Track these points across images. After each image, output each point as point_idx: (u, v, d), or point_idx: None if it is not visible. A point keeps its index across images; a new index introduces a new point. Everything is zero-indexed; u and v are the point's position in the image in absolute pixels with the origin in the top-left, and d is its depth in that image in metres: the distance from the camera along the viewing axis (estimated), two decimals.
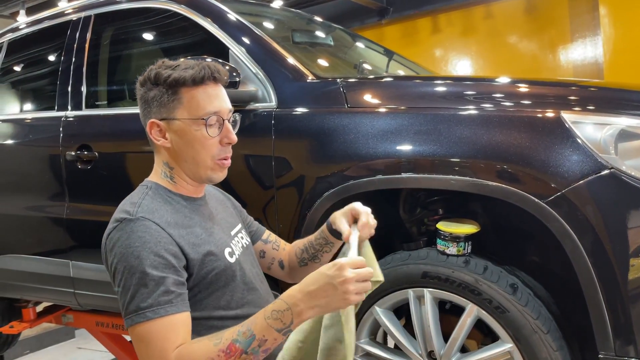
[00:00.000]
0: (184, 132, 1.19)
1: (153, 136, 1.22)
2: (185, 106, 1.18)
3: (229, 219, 1.37)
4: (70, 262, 2.36)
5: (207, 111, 1.18)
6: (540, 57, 5.32)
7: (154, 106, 1.20)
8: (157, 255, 1.08)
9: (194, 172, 1.22)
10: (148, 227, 1.10)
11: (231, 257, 1.24)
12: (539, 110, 1.47)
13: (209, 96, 1.19)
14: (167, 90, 1.18)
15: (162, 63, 1.21)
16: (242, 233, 1.39)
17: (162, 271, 1.07)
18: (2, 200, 2.62)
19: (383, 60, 2.90)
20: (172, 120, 1.19)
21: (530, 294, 1.51)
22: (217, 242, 1.22)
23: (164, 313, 1.05)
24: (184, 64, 1.19)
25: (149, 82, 1.20)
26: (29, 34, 2.78)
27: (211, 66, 1.20)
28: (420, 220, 1.83)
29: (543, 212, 1.38)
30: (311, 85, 1.83)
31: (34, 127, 2.56)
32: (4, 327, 2.87)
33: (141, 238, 1.08)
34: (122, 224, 1.11)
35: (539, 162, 1.40)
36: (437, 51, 5.91)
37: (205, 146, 1.19)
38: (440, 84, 1.75)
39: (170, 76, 1.17)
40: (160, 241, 1.09)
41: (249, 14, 2.30)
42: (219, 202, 1.40)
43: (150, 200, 1.18)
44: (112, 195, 2.20)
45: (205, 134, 1.18)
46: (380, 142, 1.60)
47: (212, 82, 1.20)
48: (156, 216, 1.13)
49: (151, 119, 1.21)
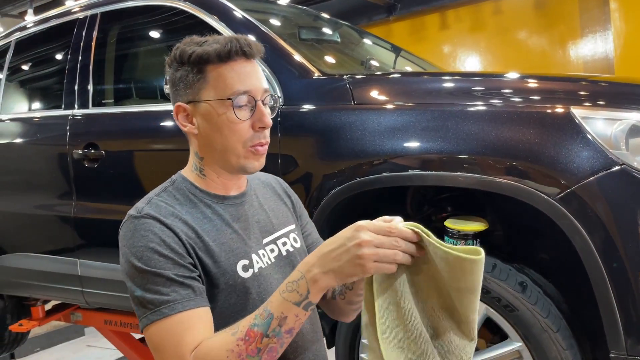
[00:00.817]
0: (211, 116, 1.04)
1: (180, 121, 1.09)
2: (211, 85, 1.03)
3: (273, 220, 1.20)
4: (77, 261, 2.37)
5: (235, 90, 1.03)
6: (550, 52, 5.27)
7: (181, 88, 1.07)
8: (161, 255, 0.98)
9: (225, 161, 1.08)
10: (152, 225, 1.00)
11: (246, 271, 1.07)
12: (548, 106, 1.44)
13: (237, 73, 1.03)
14: (193, 69, 1.04)
15: (189, 40, 1.07)
16: (286, 238, 1.20)
17: (171, 267, 0.98)
18: (11, 199, 2.64)
19: (390, 57, 2.88)
20: (198, 102, 1.05)
21: (539, 292, 1.49)
22: (231, 252, 1.07)
23: (182, 308, 0.96)
24: (212, 39, 1.05)
25: (175, 61, 1.07)
26: (36, 33, 2.79)
27: (240, 39, 1.03)
28: (428, 218, 1.81)
29: (552, 209, 1.36)
30: (317, 82, 1.82)
31: (41, 125, 2.57)
32: (13, 325, 2.89)
33: (144, 237, 0.99)
34: (127, 221, 1.03)
35: (548, 158, 1.38)
36: (445, 47, 5.87)
37: (235, 131, 1.04)
38: (448, 79, 1.73)
39: (194, 53, 1.03)
40: (165, 240, 0.99)
41: (255, 11, 2.29)
42: (271, 198, 1.24)
43: (166, 197, 1.07)
44: (119, 193, 2.23)
45: (234, 117, 1.03)
46: (386, 139, 1.58)
47: (242, 57, 1.04)
48: (163, 213, 1.03)
49: (178, 102, 1.08)
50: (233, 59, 1.03)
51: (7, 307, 2.89)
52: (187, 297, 0.97)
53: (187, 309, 0.96)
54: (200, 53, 1.02)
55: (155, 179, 2.08)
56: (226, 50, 1.02)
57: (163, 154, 2.12)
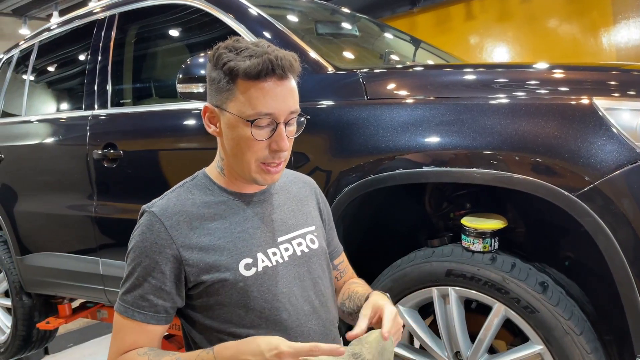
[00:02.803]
0: (233, 127, 1.06)
1: (205, 121, 1.11)
2: (237, 100, 1.04)
3: (291, 220, 1.20)
4: (99, 260, 2.39)
5: (257, 111, 1.02)
6: (581, 41, 5.08)
7: (213, 89, 1.08)
8: (148, 256, 1.05)
9: (239, 169, 1.10)
10: (151, 225, 1.07)
11: (248, 269, 1.08)
12: (570, 97, 1.37)
13: (264, 94, 1.02)
14: (225, 77, 1.04)
15: (232, 42, 1.06)
16: (302, 239, 1.20)
17: (149, 274, 1.06)
18: (34, 199, 2.69)
19: (410, 50, 2.81)
20: (223, 110, 1.07)
21: (562, 293, 1.42)
22: (235, 250, 1.09)
23: (131, 316, 1.06)
24: (251, 49, 1.03)
25: (212, 61, 1.07)
26: (58, 36, 2.83)
27: (274, 59, 1.01)
28: (447, 215, 1.75)
29: (574, 206, 1.29)
30: (331, 78, 1.78)
31: (63, 126, 2.60)
32: (40, 322, 2.95)
33: (142, 234, 1.07)
34: (141, 213, 1.11)
35: (569, 152, 1.31)
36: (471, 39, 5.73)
37: (251, 148, 1.05)
38: (464, 72, 1.67)
39: (227, 63, 1.03)
40: (157, 243, 1.06)
41: (270, 7, 2.26)
42: (294, 198, 1.24)
43: (181, 192, 1.12)
44: (137, 193, 2.24)
45: (251, 136, 1.04)
46: (400, 135, 1.53)
47: (273, 77, 1.03)
48: (168, 213, 1.07)
49: (207, 103, 1.10)
50: (263, 78, 1.02)
51: (35, 305, 2.95)
52: (140, 308, 1.06)
53: (135, 320, 1.06)
54: (232, 66, 1.02)
55: (173, 178, 2.10)
56: (256, 70, 1.01)
57: (180, 153, 2.12)
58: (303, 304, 1.14)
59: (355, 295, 1.25)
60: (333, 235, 1.36)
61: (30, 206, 2.71)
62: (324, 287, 1.20)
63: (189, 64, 1.74)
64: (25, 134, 2.78)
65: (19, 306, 2.92)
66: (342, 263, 1.37)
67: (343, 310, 1.28)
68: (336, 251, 1.36)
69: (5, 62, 3.19)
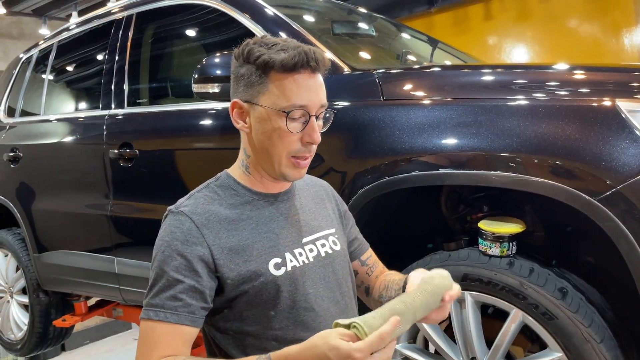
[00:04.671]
0: (265, 121, 1.06)
1: (234, 117, 1.11)
2: (271, 92, 1.05)
3: (313, 222, 1.20)
4: (115, 259, 2.41)
5: (291, 103, 1.04)
6: (603, 41, 4.99)
7: (242, 85, 1.08)
8: (180, 254, 1.02)
9: (268, 165, 1.10)
10: (182, 223, 1.05)
11: (278, 269, 1.08)
12: (592, 99, 1.34)
13: (298, 86, 1.04)
14: (257, 71, 1.05)
15: (261, 38, 1.08)
16: (325, 240, 1.20)
17: (180, 273, 1.02)
18: (52, 197, 2.71)
19: (427, 50, 2.79)
20: (255, 105, 1.07)
21: (581, 299, 1.39)
22: (264, 249, 1.09)
23: (163, 318, 1.01)
24: (282, 44, 1.05)
25: (241, 57, 1.07)
26: (76, 36, 2.85)
27: (309, 52, 1.03)
28: (463, 218, 1.73)
29: (595, 210, 1.26)
30: (347, 78, 1.77)
31: (80, 125, 2.63)
32: (57, 320, 2.98)
33: (172, 233, 1.04)
34: (167, 214, 1.09)
35: (591, 155, 1.28)
36: (490, 39, 5.66)
37: (284, 141, 1.06)
38: (481, 72, 1.64)
39: (261, 56, 1.04)
40: (189, 240, 1.03)
41: (287, 7, 2.26)
42: (313, 200, 1.25)
43: (207, 192, 1.12)
44: (152, 192, 2.24)
45: (285, 128, 1.05)
46: (417, 136, 1.51)
47: (307, 70, 1.04)
48: (198, 212, 1.07)
49: (235, 99, 1.10)
50: (298, 71, 1.04)
51: (52, 302, 2.98)
52: (174, 309, 1.01)
53: (168, 322, 1.01)
54: (267, 59, 1.03)
55: (188, 178, 2.10)
56: (292, 62, 1.02)
57: (196, 153, 2.12)
58: (329, 304, 1.14)
59: (391, 284, 1.24)
60: (356, 233, 1.36)
61: (48, 204, 2.73)
62: (348, 289, 1.21)
63: (204, 64, 1.74)
64: (44, 133, 2.81)
65: (35, 303, 2.96)
66: (370, 258, 1.35)
67: (382, 302, 1.19)
68: (362, 247, 1.35)
69: (24, 61, 3.23)
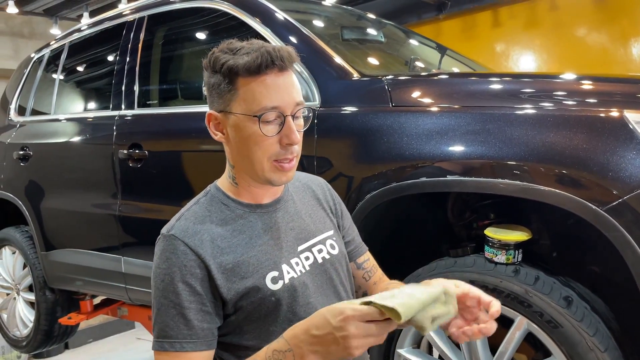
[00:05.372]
0: (239, 128, 1.04)
1: (211, 129, 1.09)
2: (240, 99, 1.02)
3: (309, 227, 1.18)
4: (122, 258, 2.43)
5: (262, 106, 1.01)
6: (610, 50, 4.99)
7: (214, 95, 1.05)
8: (181, 281, 0.99)
9: (251, 172, 1.08)
10: (175, 248, 1.01)
11: (275, 283, 1.06)
12: (600, 110, 1.35)
13: (267, 88, 1.01)
14: (224, 79, 1.02)
15: (226, 45, 1.05)
16: (322, 245, 1.18)
17: (186, 300, 1.00)
18: (61, 196, 2.74)
19: (435, 56, 2.80)
20: (228, 113, 1.04)
21: (586, 308, 1.40)
22: (260, 264, 1.06)
23: (180, 349, 0.99)
24: (246, 48, 1.02)
25: (209, 67, 1.05)
26: (88, 36, 2.88)
27: (272, 51, 1.00)
28: (470, 225, 1.74)
29: (602, 220, 1.27)
30: (356, 84, 1.78)
31: (90, 125, 2.65)
32: (62, 318, 3.00)
33: (168, 260, 1.01)
34: (160, 238, 1.05)
35: (598, 165, 1.29)
36: (498, 46, 5.67)
37: (261, 146, 1.03)
38: (490, 81, 1.65)
39: (225, 63, 1.01)
40: (186, 265, 1.00)
41: (297, 12, 2.27)
42: (308, 203, 1.22)
43: (198, 210, 1.08)
44: (161, 193, 2.26)
45: (260, 133, 1.02)
46: (425, 143, 1.53)
47: (273, 70, 1.01)
48: (190, 233, 1.03)
49: (210, 110, 1.08)
50: (264, 72, 1.00)
51: (58, 300, 3.00)
52: (188, 337, 1.00)
53: (185, 351, 1.00)
54: (231, 65, 1.00)
55: (197, 180, 2.12)
56: (256, 64, 0.99)
57: (205, 155, 2.14)
58: None
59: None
60: (354, 234, 1.31)
61: (56, 203, 2.76)
62: (345, 293, 1.19)
63: None
64: (54, 132, 2.84)
65: (42, 301, 2.98)
66: (367, 261, 1.31)
67: None
68: (359, 249, 1.31)
69: (36, 61, 3.27)
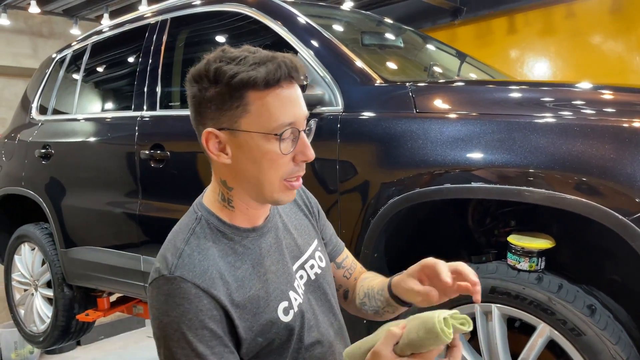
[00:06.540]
0: (250, 148, 0.93)
1: (210, 150, 0.96)
2: (252, 114, 0.92)
3: (298, 242, 1.12)
4: (141, 257, 2.45)
5: (280, 123, 0.92)
6: (627, 58, 4.97)
7: (212, 110, 0.93)
8: (200, 327, 0.90)
9: (257, 193, 0.98)
10: (186, 293, 0.90)
11: (287, 314, 1.00)
12: (625, 120, 1.36)
13: (282, 102, 0.92)
14: (230, 93, 0.91)
15: (221, 53, 0.93)
16: (313, 260, 1.13)
17: (208, 345, 0.90)
18: (81, 195, 2.77)
19: (455, 63, 2.81)
20: (235, 131, 0.93)
21: (609, 317, 1.40)
22: (269, 296, 0.99)
23: None
24: (251, 57, 0.92)
25: (205, 79, 0.92)
26: (110, 37, 2.92)
27: (287, 62, 0.92)
28: (490, 232, 1.75)
29: (627, 229, 1.28)
30: (379, 89, 1.80)
31: (112, 126, 2.69)
32: (80, 314, 3.03)
33: (179, 306, 0.90)
34: (160, 280, 0.92)
35: (624, 175, 1.29)
36: (512, 52, 5.66)
37: (276, 165, 0.94)
38: (515, 89, 1.66)
39: (236, 75, 0.90)
40: (202, 309, 0.90)
41: (318, 17, 2.29)
42: (291, 212, 1.16)
43: (196, 243, 0.95)
44: (182, 194, 2.29)
45: (278, 151, 0.93)
46: (449, 150, 1.54)
47: (286, 81, 0.93)
48: (198, 273, 0.92)
49: (208, 128, 0.94)
50: (279, 84, 0.92)
51: (76, 297, 3.04)
52: None
53: None
54: (246, 78, 0.90)
55: None
56: (276, 77, 0.91)
57: None
58: (328, 329, 1.10)
59: (372, 292, 1.16)
60: (330, 233, 1.25)
61: (77, 201, 2.79)
62: (335, 303, 1.16)
63: None
64: (76, 131, 2.88)
65: (60, 297, 3.01)
66: (346, 259, 1.27)
67: (365, 311, 1.19)
68: (337, 248, 1.26)
69: (58, 61, 3.31)
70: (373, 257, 1.69)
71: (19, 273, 3.33)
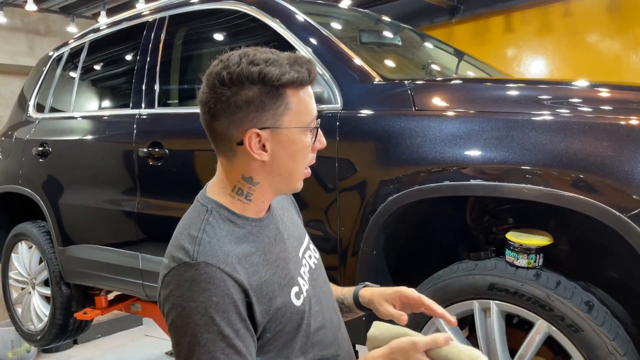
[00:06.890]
0: (291, 143, 0.99)
1: (252, 149, 0.98)
2: (293, 111, 0.98)
3: (295, 233, 1.15)
4: (139, 255, 2.45)
5: (313, 116, 1.01)
6: (623, 57, 4.99)
7: (250, 111, 0.96)
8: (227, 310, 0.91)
9: (284, 184, 1.04)
10: (212, 277, 0.91)
11: (298, 298, 1.03)
12: (622, 117, 1.37)
13: (311, 98, 1.02)
14: (270, 92, 0.95)
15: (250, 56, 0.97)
16: (310, 250, 1.17)
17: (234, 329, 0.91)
18: (79, 193, 2.77)
19: (453, 61, 2.82)
20: (277, 128, 0.98)
21: (607, 313, 1.41)
22: (281, 280, 1.02)
23: None
24: (282, 58, 0.98)
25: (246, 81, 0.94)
26: (108, 35, 2.91)
27: (309, 63, 1.00)
28: (488, 229, 1.75)
29: (625, 226, 1.29)
30: (378, 87, 1.80)
31: (110, 123, 2.68)
32: (78, 312, 3.03)
33: (206, 291, 0.90)
34: (181, 268, 0.92)
35: (622, 172, 1.30)
36: (510, 51, 5.68)
37: (305, 156, 1.03)
38: (513, 87, 1.67)
39: (282, 76, 0.95)
40: (228, 293, 0.91)
41: (317, 15, 2.30)
42: (284, 210, 1.18)
43: (212, 231, 0.97)
44: (180, 192, 2.29)
45: (310, 142, 1.02)
46: (448, 147, 1.55)
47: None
48: (220, 257, 0.93)
49: (251, 128, 0.96)
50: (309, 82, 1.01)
51: (73, 295, 3.04)
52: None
53: None
54: (292, 78, 0.96)
55: None
56: (311, 75, 0.99)
57: None
58: (333, 316, 1.14)
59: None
60: None
61: (75, 199, 2.79)
62: (331, 292, 1.22)
63: None
64: (74, 129, 2.87)
65: (57, 295, 3.01)
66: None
67: None
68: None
69: (55, 59, 3.30)
70: (372, 254, 1.69)
71: (16, 271, 3.32)
